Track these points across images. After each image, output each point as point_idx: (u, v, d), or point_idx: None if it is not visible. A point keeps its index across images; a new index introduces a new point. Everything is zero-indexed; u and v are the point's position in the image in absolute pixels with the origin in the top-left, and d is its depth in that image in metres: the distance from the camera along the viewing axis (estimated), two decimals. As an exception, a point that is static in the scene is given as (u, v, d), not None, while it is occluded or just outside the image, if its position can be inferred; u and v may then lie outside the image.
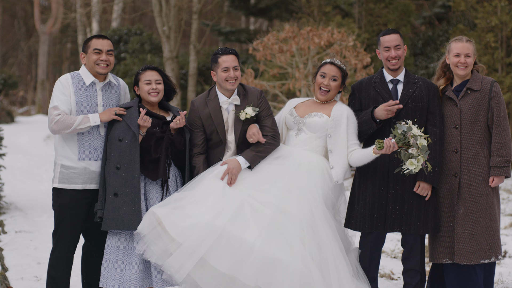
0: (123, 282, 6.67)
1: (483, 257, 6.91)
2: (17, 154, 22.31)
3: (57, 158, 6.87)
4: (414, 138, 6.42)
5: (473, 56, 7.06)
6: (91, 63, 6.86)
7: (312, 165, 6.73)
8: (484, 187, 6.97)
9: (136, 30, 27.71)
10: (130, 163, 6.66)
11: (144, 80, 6.84)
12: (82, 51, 6.97)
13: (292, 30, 16.43)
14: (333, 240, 6.47)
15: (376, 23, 20.59)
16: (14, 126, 33.06)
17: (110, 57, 6.89)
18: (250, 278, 6.17)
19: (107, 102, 6.93)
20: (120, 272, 6.69)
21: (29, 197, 15.25)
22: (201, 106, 6.92)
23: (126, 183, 6.65)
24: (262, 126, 6.86)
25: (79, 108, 6.79)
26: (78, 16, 34.73)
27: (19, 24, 53.82)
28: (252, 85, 15.71)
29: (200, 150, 6.87)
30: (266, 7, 27.28)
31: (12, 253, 9.82)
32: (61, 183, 6.81)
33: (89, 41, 6.93)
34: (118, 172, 6.67)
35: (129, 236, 6.71)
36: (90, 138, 6.81)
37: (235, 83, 6.85)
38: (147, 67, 6.94)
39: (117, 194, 6.64)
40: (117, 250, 6.72)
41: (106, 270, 6.73)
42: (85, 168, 6.79)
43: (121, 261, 6.69)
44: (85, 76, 6.89)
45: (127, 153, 6.67)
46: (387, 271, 8.99)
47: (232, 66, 6.82)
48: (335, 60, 6.98)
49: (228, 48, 6.98)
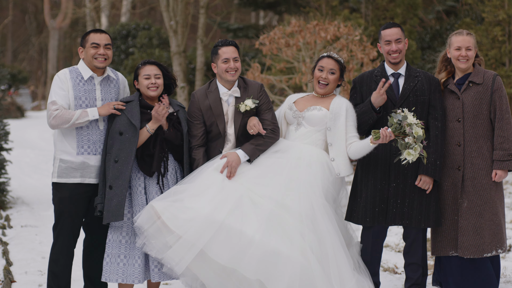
0: (126, 276, 6.68)
1: (486, 251, 6.90)
2: (26, 149, 22.43)
3: (56, 153, 6.88)
4: (410, 127, 6.41)
5: (474, 49, 7.04)
6: (89, 57, 6.86)
7: (312, 159, 6.73)
8: (488, 180, 6.95)
9: (144, 24, 27.72)
10: (127, 157, 6.67)
11: (144, 75, 6.83)
12: (80, 45, 6.98)
13: (299, 24, 16.41)
14: (333, 233, 6.47)
15: (383, 17, 20.55)
16: (24, 121, 33.21)
17: (108, 51, 6.89)
18: (250, 271, 6.18)
19: (106, 96, 6.93)
20: (123, 266, 6.70)
21: (36, 192, 15.30)
22: (202, 97, 6.93)
23: (120, 176, 6.65)
24: (262, 120, 6.86)
25: (77, 103, 6.79)
26: (87, 11, 34.84)
27: (30, 19, 54.00)
28: (258, 80, 15.82)
29: (199, 143, 6.88)
30: (275, 2, 27.22)
31: (17, 247, 9.86)
32: (60, 177, 6.82)
33: (87, 36, 6.93)
34: (115, 165, 6.68)
35: (131, 230, 6.71)
36: (89, 132, 6.82)
37: (235, 74, 6.86)
38: (147, 61, 6.93)
39: (111, 186, 6.65)
40: (119, 245, 6.73)
41: (108, 265, 6.74)
42: (83, 162, 6.80)
43: (123, 255, 6.71)
44: (83, 71, 6.89)
45: (126, 147, 6.68)
46: (391, 265, 8.98)
47: (232, 57, 6.83)
48: (332, 54, 7.00)
49: (228, 40, 7.00)
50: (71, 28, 47.91)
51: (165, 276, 6.65)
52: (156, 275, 6.66)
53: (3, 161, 13.06)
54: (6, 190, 13.29)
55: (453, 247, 6.98)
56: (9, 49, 53.70)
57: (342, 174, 6.80)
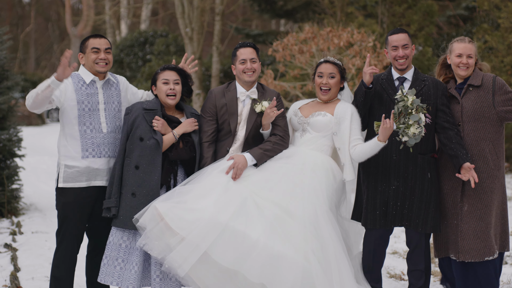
0: (122, 281, 6.69)
1: (487, 254, 6.90)
2: (43, 156, 22.52)
3: (60, 159, 6.90)
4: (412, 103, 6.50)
5: (475, 57, 7.04)
6: (90, 63, 6.89)
7: (316, 165, 6.75)
8: (489, 183, 6.94)
9: (161, 32, 27.84)
10: (149, 164, 6.69)
11: (162, 79, 6.86)
12: (80, 51, 7.00)
13: (312, 31, 16.43)
14: (336, 240, 6.48)
15: (399, 23, 20.51)
16: (45, 128, 33.40)
17: (108, 56, 6.93)
18: (254, 274, 6.20)
19: (108, 100, 6.96)
20: (120, 270, 6.71)
21: (50, 198, 15.29)
22: (219, 95, 7.02)
23: (143, 184, 6.67)
24: (274, 125, 6.93)
25: (80, 107, 6.82)
26: (107, 18, 34.98)
27: (53, 27, 54.38)
28: (271, 86, 15.84)
29: (209, 139, 6.93)
30: (293, 9, 27.28)
31: (26, 253, 9.91)
32: (65, 182, 6.84)
33: (87, 41, 6.96)
34: (136, 172, 6.70)
35: (132, 236, 6.73)
36: (93, 136, 6.84)
37: (253, 75, 6.95)
38: (166, 66, 6.97)
39: (134, 194, 6.67)
40: (118, 248, 6.74)
41: (105, 266, 6.76)
42: (88, 166, 6.83)
43: (121, 259, 6.72)
44: (85, 75, 6.92)
45: (148, 154, 6.70)
46: (398, 271, 8.95)
47: (249, 58, 6.94)
48: (329, 58, 7.03)
49: (246, 42, 7.10)
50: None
51: (166, 285, 6.65)
52: (158, 284, 6.65)
53: (16, 168, 13.12)
54: (18, 197, 13.33)
55: (454, 251, 6.95)
56: (32, 56, 54.11)
57: (348, 178, 6.81)
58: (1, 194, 12.63)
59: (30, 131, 29.63)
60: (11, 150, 12.95)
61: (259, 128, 6.94)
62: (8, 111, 13.05)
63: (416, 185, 6.88)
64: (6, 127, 12.94)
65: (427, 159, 6.92)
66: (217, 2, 22.94)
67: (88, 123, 6.84)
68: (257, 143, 6.92)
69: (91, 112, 6.85)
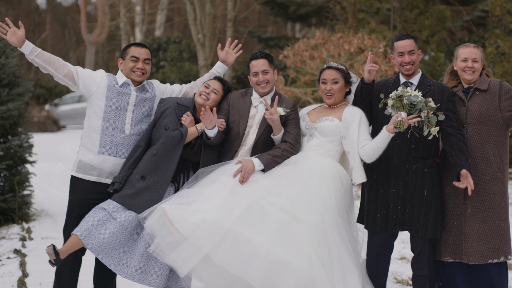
0: (87, 235, 6.57)
1: (491, 257, 6.88)
2: (57, 162, 22.61)
3: (80, 148, 6.99)
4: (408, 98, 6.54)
5: (481, 62, 7.03)
6: (127, 70, 6.98)
7: (324, 170, 6.75)
8: (491, 186, 6.93)
9: (175, 38, 27.94)
10: (168, 154, 6.76)
11: (206, 84, 7.04)
12: (120, 57, 7.10)
13: (323, 36, 16.43)
14: (341, 247, 6.48)
15: (411, 29, 20.48)
16: (60, 135, 33.52)
17: (146, 66, 7.02)
18: (257, 280, 6.21)
19: (140, 103, 7.03)
20: (91, 227, 6.57)
21: (62, 205, 15.35)
22: (235, 97, 7.14)
23: (156, 171, 6.73)
24: (286, 132, 6.96)
25: (107, 103, 6.91)
26: (122, 25, 35.11)
27: (70, 34, 54.64)
28: (282, 92, 15.85)
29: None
30: (306, 14, 27.28)
31: (34, 259, 9.96)
32: (78, 172, 6.92)
33: (128, 48, 7.07)
34: (152, 158, 6.76)
35: (121, 210, 6.66)
36: (113, 134, 6.91)
37: (266, 86, 7.04)
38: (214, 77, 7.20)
39: (144, 177, 6.71)
40: (100, 210, 6.65)
41: (83, 222, 6.65)
42: (102, 162, 6.88)
43: (97, 219, 6.60)
44: (119, 79, 7.02)
45: (169, 143, 6.77)
46: (405, 277, 8.94)
47: (261, 70, 7.02)
48: (332, 63, 7.05)
49: (258, 52, 7.17)
50: (107, 42, 48.37)
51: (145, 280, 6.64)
52: (138, 276, 6.62)
53: (27, 174, 13.18)
54: (29, 203, 13.39)
55: (450, 253, 6.96)
56: (48, 63, 54.27)
57: (358, 181, 6.81)
58: (12, 200, 12.69)
59: (45, 137, 29.76)
60: (22, 156, 13.01)
61: (270, 133, 6.98)
62: (19, 117, 13.11)
63: (416, 189, 6.88)
64: (17, 133, 13.01)
65: (428, 164, 6.91)
66: (229, 9, 23.00)
67: (112, 121, 6.90)
68: (266, 149, 6.95)
69: (117, 111, 6.91)
